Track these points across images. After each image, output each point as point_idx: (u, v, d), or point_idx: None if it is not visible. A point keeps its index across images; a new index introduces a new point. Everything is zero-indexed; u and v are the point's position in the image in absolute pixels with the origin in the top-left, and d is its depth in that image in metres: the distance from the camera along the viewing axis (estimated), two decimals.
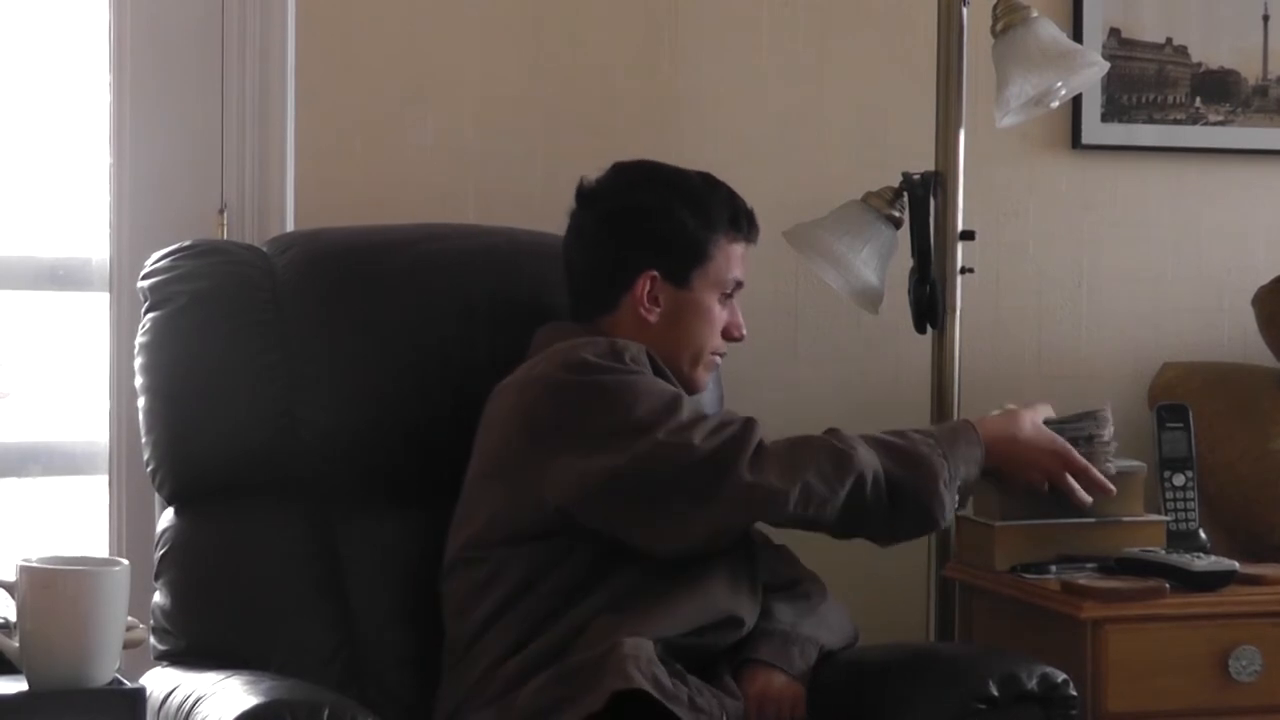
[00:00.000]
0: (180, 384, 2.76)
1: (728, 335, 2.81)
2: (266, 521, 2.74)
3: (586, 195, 2.79)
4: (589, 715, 2.40)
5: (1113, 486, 2.87)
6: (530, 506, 2.58)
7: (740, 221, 2.80)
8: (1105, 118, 3.52)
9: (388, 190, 3.19)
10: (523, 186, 3.22)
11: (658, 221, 2.75)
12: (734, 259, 2.78)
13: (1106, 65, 3.15)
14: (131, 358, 2.84)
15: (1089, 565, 3.00)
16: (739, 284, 2.80)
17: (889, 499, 2.60)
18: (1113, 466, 2.89)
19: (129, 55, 3.12)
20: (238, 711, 2.25)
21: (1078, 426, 2.86)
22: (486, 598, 2.59)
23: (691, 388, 2.78)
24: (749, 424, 2.58)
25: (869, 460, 2.59)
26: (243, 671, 2.49)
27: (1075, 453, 2.82)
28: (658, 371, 2.67)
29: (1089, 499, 2.86)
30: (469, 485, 2.67)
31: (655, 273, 2.74)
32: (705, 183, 2.80)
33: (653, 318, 2.74)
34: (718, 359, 2.82)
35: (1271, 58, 3.59)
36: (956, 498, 2.67)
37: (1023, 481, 2.84)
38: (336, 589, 2.73)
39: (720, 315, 2.78)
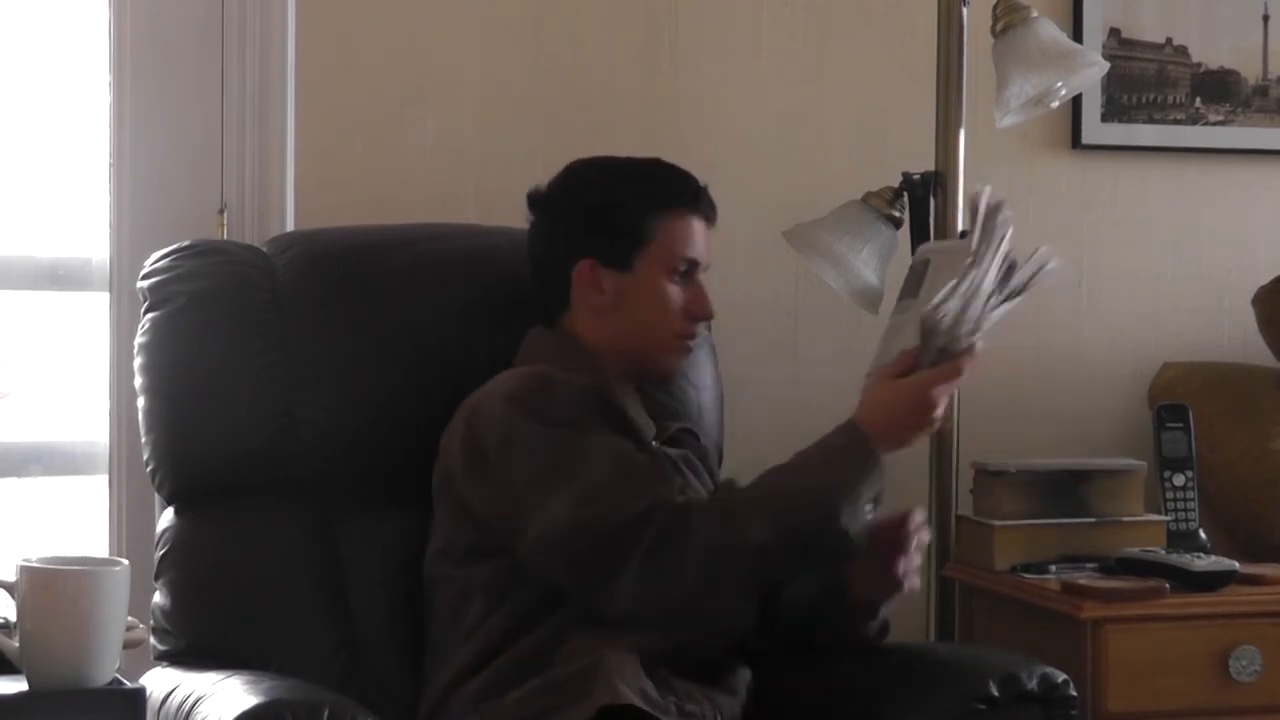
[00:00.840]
0: (180, 384, 2.76)
1: (692, 315, 2.70)
2: (266, 521, 2.74)
3: (533, 199, 2.76)
4: None
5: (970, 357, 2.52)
6: (481, 526, 2.57)
7: (684, 196, 2.69)
8: (1105, 118, 3.52)
9: (388, 190, 3.19)
10: (523, 186, 3.19)
11: (593, 206, 2.70)
12: (681, 236, 2.68)
13: (1106, 65, 3.15)
14: (131, 358, 2.83)
15: (1089, 565, 3.01)
16: (694, 262, 2.69)
17: (796, 558, 2.48)
18: (978, 338, 2.53)
19: (129, 55, 3.12)
20: (238, 711, 2.25)
21: (930, 349, 2.51)
22: (468, 606, 2.57)
23: (664, 375, 2.73)
24: (643, 520, 2.41)
25: (759, 540, 2.42)
26: (243, 671, 2.48)
27: (940, 383, 2.49)
28: (602, 405, 2.57)
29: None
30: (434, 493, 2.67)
31: (593, 259, 2.68)
32: (649, 164, 2.73)
33: (602, 306, 2.68)
34: (689, 342, 2.73)
35: (1271, 58, 3.60)
36: (870, 509, 2.47)
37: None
38: (336, 589, 2.73)
39: (675, 295, 2.68)
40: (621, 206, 2.69)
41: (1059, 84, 3.08)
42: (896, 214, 3.16)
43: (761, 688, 2.65)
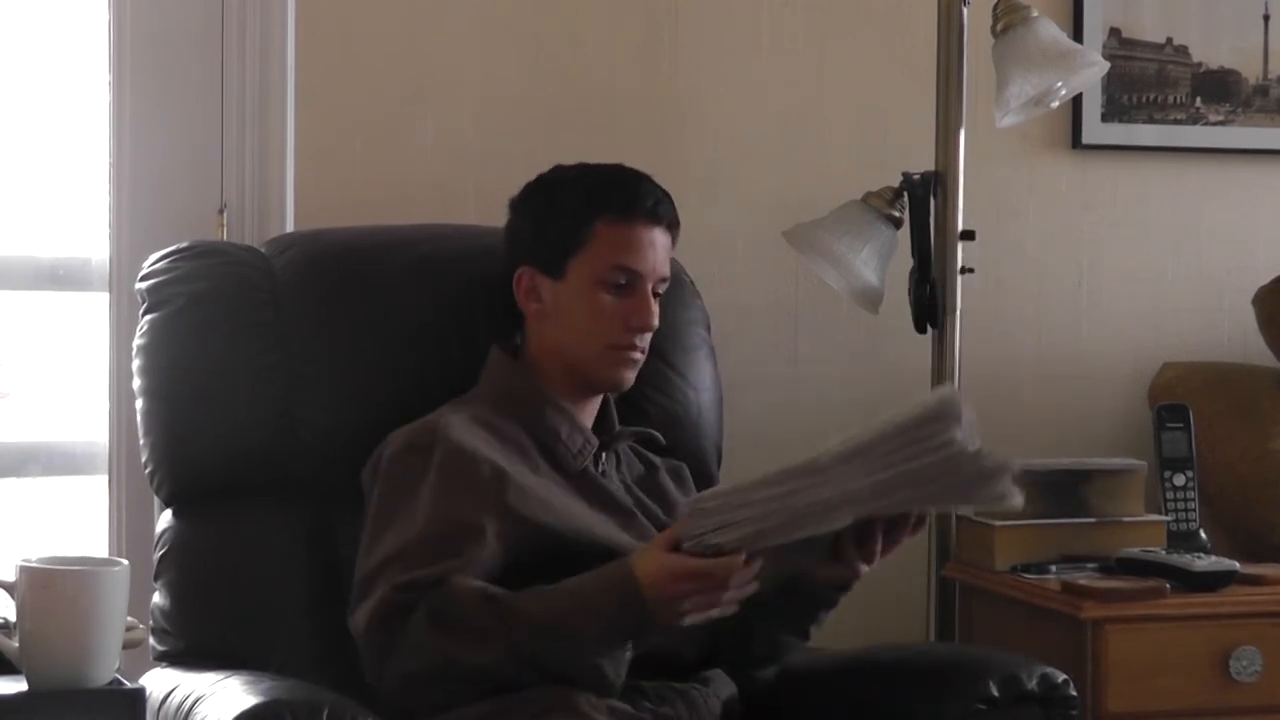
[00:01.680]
0: (179, 385, 2.76)
1: (630, 326, 2.59)
2: (266, 522, 2.74)
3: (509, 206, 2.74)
4: None
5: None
6: None
7: (618, 203, 2.58)
8: (1105, 118, 3.52)
9: (388, 190, 3.19)
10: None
11: (534, 214, 2.66)
12: (616, 244, 2.58)
13: (1106, 65, 3.15)
14: (131, 358, 2.83)
15: (1089, 565, 3.01)
16: (633, 273, 2.58)
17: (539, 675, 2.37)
18: (715, 538, 2.24)
19: (129, 55, 3.12)
20: (237, 711, 2.25)
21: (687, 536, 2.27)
22: None
23: (609, 385, 2.64)
24: (372, 631, 2.41)
25: (479, 664, 2.35)
26: (242, 672, 2.48)
27: (681, 582, 2.27)
28: (479, 473, 2.48)
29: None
30: None
31: (530, 267, 2.63)
32: (599, 170, 2.65)
33: (543, 315, 2.63)
34: (628, 353, 2.61)
35: (1271, 58, 3.60)
36: (628, 650, 2.36)
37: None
38: (336, 589, 2.72)
39: (607, 305, 2.58)
40: (557, 213, 2.63)
41: (1059, 84, 3.09)
42: (896, 214, 3.16)
43: (757, 690, 2.65)
